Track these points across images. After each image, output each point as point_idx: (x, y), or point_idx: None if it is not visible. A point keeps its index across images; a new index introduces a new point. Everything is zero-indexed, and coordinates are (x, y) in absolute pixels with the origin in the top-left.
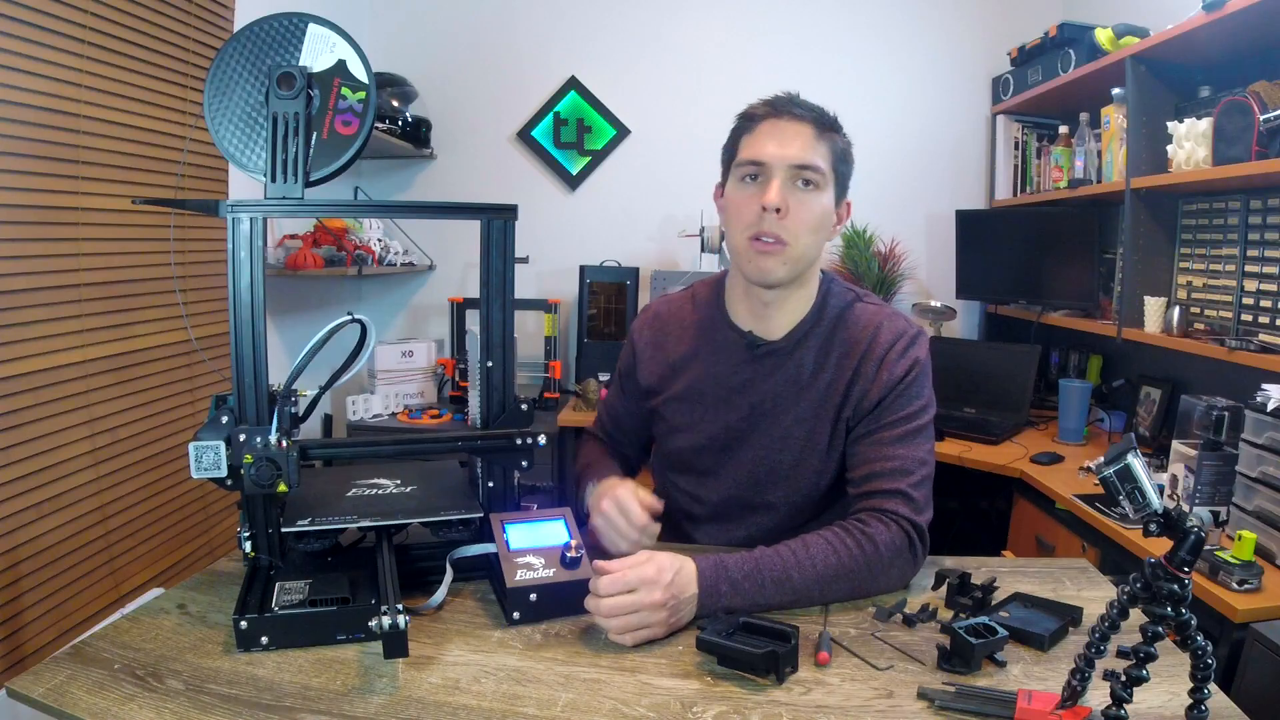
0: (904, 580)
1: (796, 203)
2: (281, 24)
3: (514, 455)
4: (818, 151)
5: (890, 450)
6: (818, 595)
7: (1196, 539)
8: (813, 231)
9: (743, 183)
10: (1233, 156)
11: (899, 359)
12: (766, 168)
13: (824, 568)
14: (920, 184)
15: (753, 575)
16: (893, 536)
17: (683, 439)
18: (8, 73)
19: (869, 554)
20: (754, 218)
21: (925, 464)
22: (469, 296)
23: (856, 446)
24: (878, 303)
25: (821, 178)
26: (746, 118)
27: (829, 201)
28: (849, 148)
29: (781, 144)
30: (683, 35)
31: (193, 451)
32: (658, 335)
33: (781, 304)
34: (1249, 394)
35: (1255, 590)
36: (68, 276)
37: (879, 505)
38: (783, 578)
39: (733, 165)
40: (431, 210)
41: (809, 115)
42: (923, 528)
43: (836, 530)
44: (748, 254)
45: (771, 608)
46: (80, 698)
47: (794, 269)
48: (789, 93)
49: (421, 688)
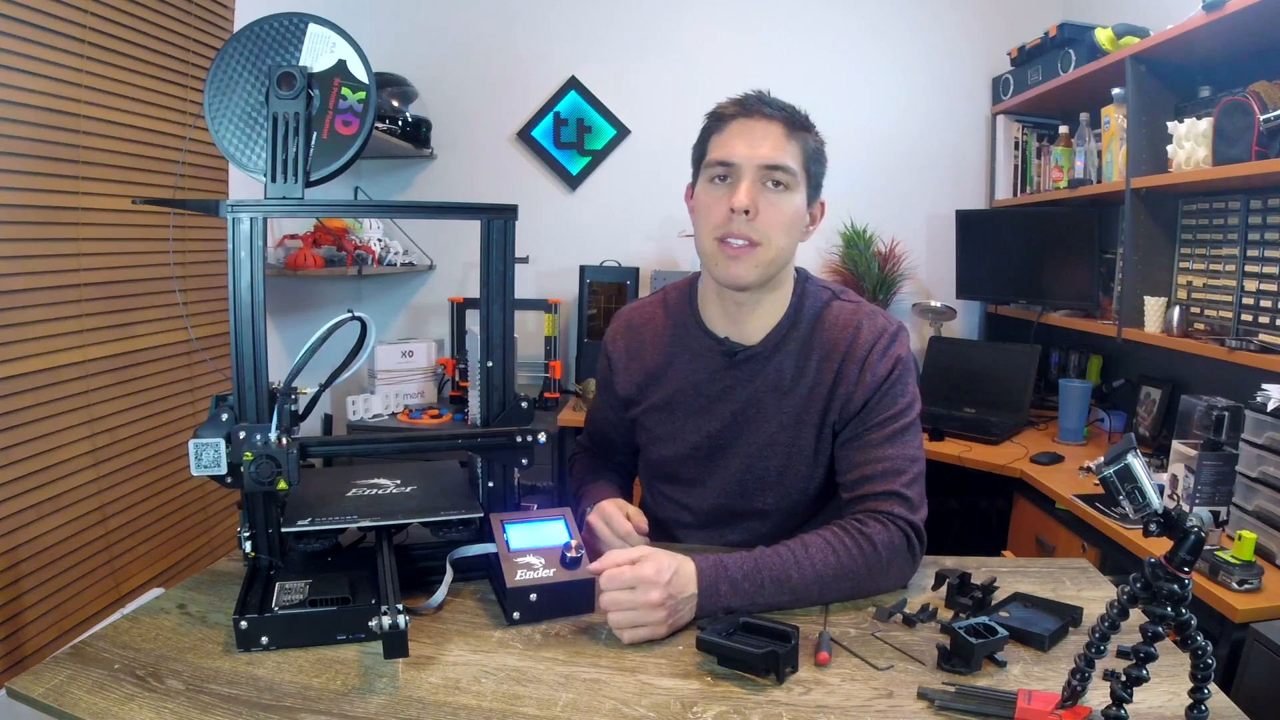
0: (903, 579)
1: (767, 204)
2: (281, 24)
3: (514, 453)
4: (788, 152)
5: (880, 451)
6: (817, 595)
7: (1196, 539)
8: (785, 233)
9: (712, 184)
10: (1233, 156)
11: (881, 359)
12: (736, 168)
13: (823, 567)
14: (920, 184)
15: (752, 575)
16: (891, 536)
17: (665, 448)
18: (8, 73)
19: (867, 554)
20: (722, 219)
21: (916, 461)
22: (469, 296)
23: (846, 450)
24: (855, 300)
25: (792, 178)
26: (716, 117)
27: (800, 202)
28: (821, 147)
29: (751, 144)
30: (683, 35)
31: (193, 449)
32: (632, 344)
33: (755, 307)
34: (1249, 394)
35: (1255, 590)
36: (68, 276)
37: (875, 507)
38: (782, 577)
39: (702, 165)
40: (431, 210)
41: (779, 114)
42: (919, 526)
43: (835, 530)
44: (716, 257)
45: (771, 608)
46: (80, 698)
47: (765, 271)
48: (759, 91)
49: (421, 688)
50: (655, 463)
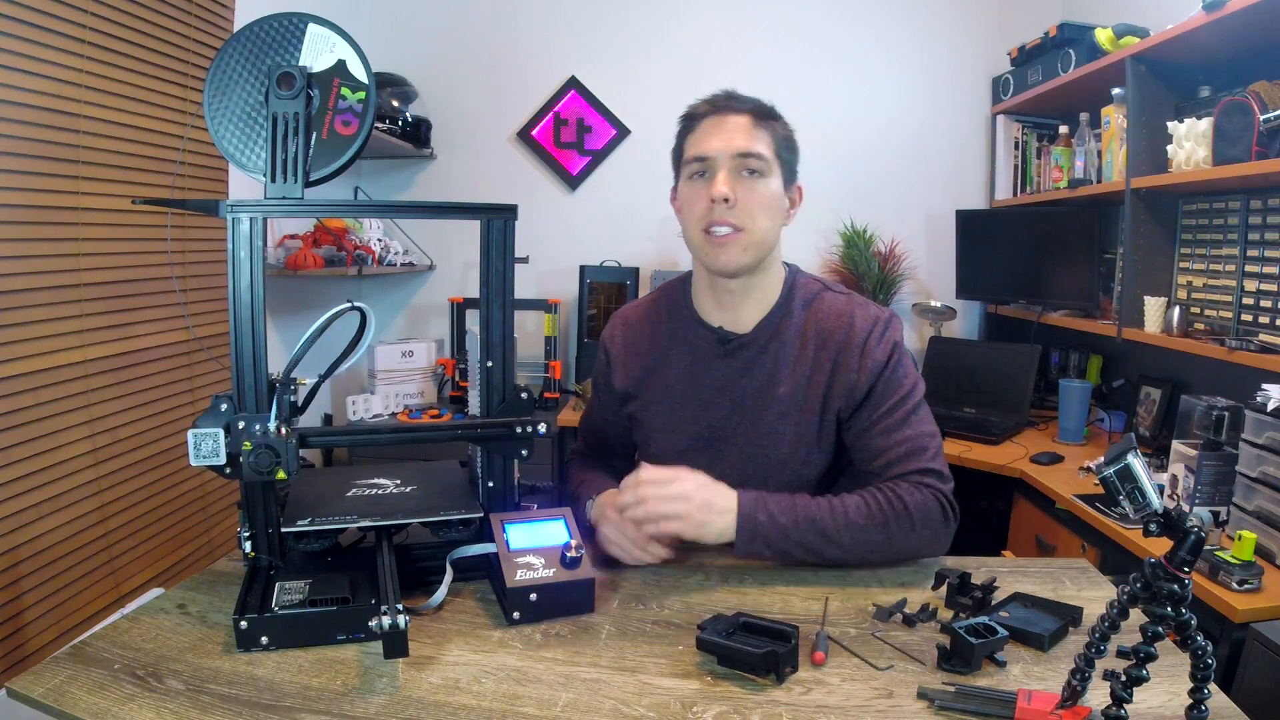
0: (936, 544)
1: (745, 190)
2: (281, 24)
3: (514, 444)
4: (759, 139)
5: (899, 435)
6: (848, 543)
7: (1196, 539)
8: (766, 215)
9: (692, 180)
10: (1233, 156)
11: (878, 344)
12: (711, 161)
13: (856, 515)
14: (920, 184)
15: (789, 511)
16: (924, 499)
17: (665, 441)
18: (8, 73)
19: (899, 511)
20: (705, 210)
21: (934, 436)
22: (469, 296)
23: (865, 438)
24: (845, 292)
25: (765, 164)
26: (688, 117)
27: (777, 186)
28: (791, 135)
29: (723, 137)
30: (683, 35)
31: (191, 439)
32: (629, 340)
33: (747, 294)
34: (1249, 394)
35: (1255, 590)
36: (68, 276)
37: (908, 480)
38: (817, 518)
39: (681, 164)
40: (431, 210)
41: (747, 106)
42: (951, 497)
43: (870, 489)
44: (704, 247)
45: (805, 550)
46: (80, 698)
47: (755, 254)
48: (727, 90)
49: (421, 688)
50: (656, 456)
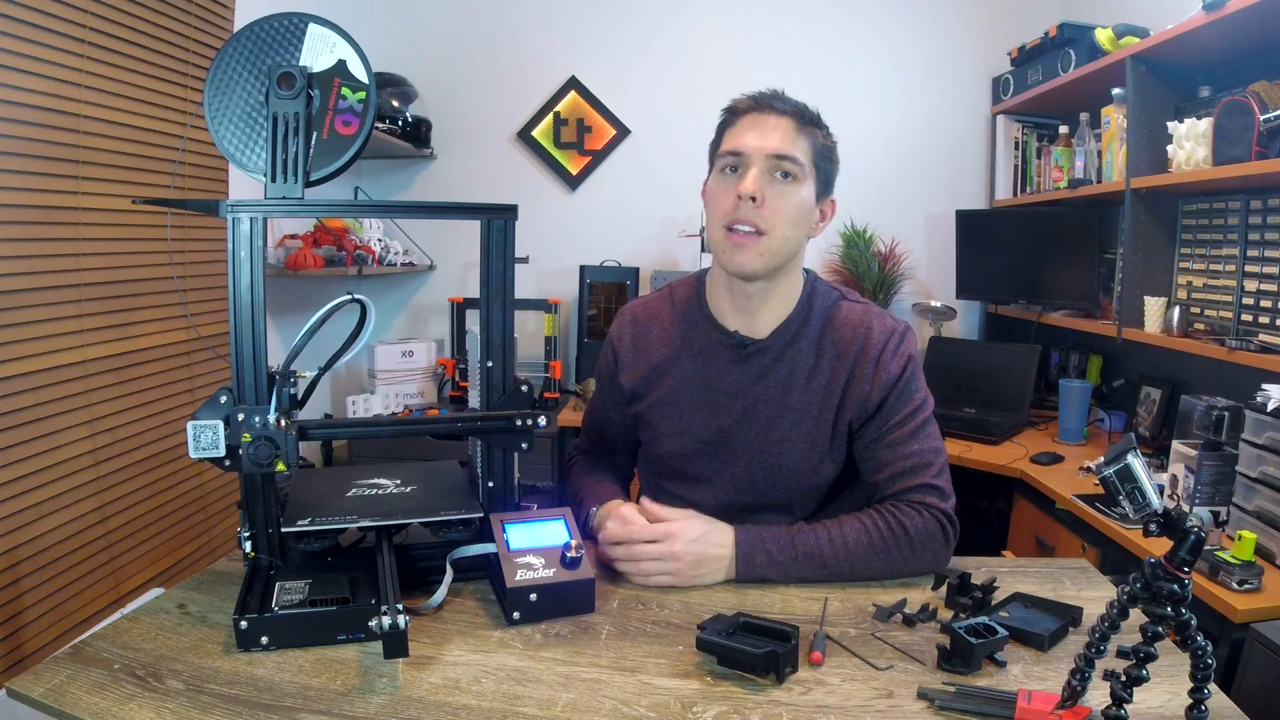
0: (937, 563)
1: (774, 193)
2: (281, 24)
3: (514, 436)
4: (797, 145)
5: (906, 449)
6: (849, 572)
7: (1196, 539)
8: (791, 224)
9: (723, 174)
10: (1233, 156)
11: (893, 357)
12: (745, 157)
13: (855, 545)
14: (920, 184)
15: (788, 549)
16: (925, 522)
17: (671, 443)
18: (8, 73)
19: (899, 536)
20: (730, 206)
21: (940, 452)
22: (469, 296)
23: (873, 450)
24: (863, 301)
25: (800, 170)
26: (730, 111)
27: (809, 195)
28: (832, 146)
29: (761, 135)
30: (683, 35)
31: (191, 431)
32: (638, 338)
33: (765, 299)
34: (1249, 394)
35: (1255, 590)
36: (68, 276)
37: (909, 499)
38: (815, 553)
39: (715, 157)
40: (431, 210)
41: (790, 109)
42: (951, 514)
43: (870, 513)
44: (723, 245)
45: (805, 581)
46: (80, 698)
47: (771, 261)
48: (774, 89)
49: (421, 688)
50: (660, 458)
